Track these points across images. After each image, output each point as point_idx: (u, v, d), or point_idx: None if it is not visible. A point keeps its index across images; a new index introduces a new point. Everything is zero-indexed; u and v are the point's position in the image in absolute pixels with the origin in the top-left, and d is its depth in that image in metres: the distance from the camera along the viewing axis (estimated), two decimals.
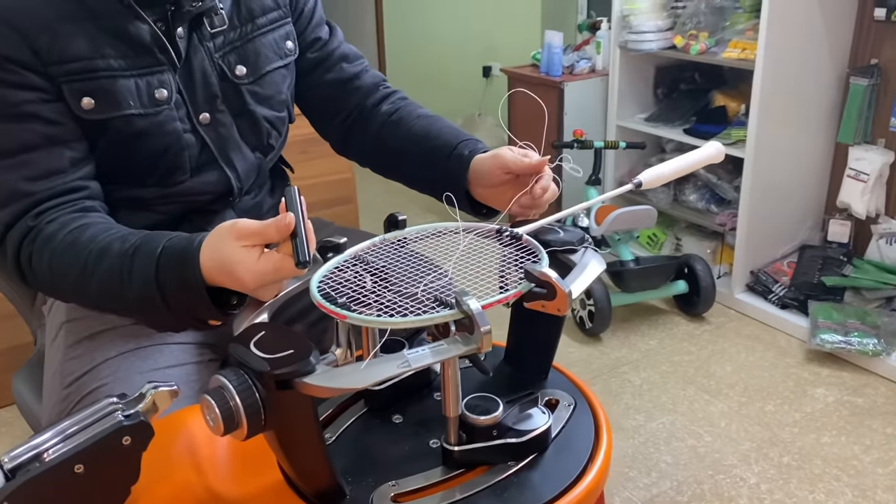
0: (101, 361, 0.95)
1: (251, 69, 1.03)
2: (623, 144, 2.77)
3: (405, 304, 0.68)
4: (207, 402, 0.59)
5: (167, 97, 0.95)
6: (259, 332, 0.64)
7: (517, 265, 0.76)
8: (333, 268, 0.76)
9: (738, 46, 2.50)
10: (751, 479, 1.89)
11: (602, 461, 0.75)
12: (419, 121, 1.11)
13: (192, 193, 1.01)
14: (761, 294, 2.65)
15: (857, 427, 2.06)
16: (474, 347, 0.64)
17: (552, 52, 2.91)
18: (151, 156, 0.96)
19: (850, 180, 2.56)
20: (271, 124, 1.08)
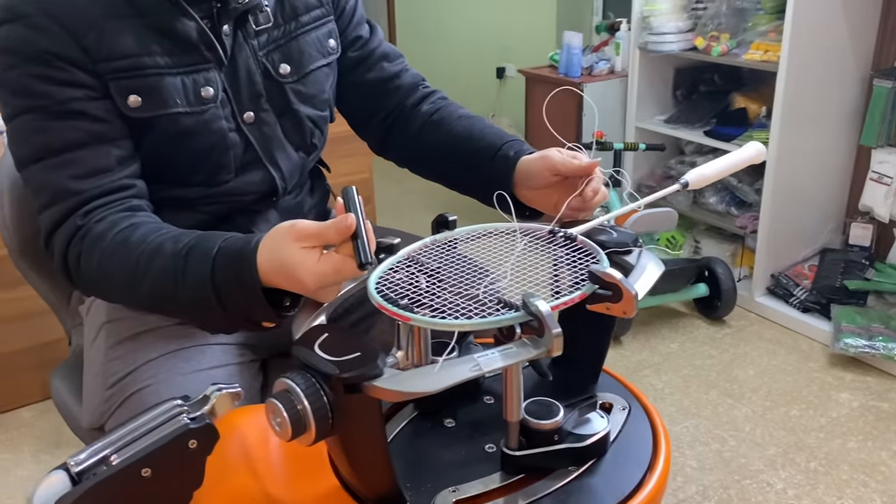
0: (143, 363, 0.94)
1: (295, 67, 1.02)
2: (643, 146, 2.75)
3: (468, 306, 0.67)
4: (274, 405, 0.58)
5: (213, 95, 0.94)
6: (322, 334, 0.62)
7: (573, 267, 0.75)
8: (388, 269, 0.75)
9: (761, 48, 2.48)
10: (778, 485, 1.87)
11: (662, 468, 0.74)
12: (461, 121, 1.09)
13: (236, 193, 1.00)
14: (782, 297, 2.63)
15: (884, 432, 2.04)
16: (544, 351, 0.62)
17: (571, 53, 2.90)
18: (197, 155, 0.95)
19: (872, 183, 2.54)
20: (314, 123, 1.07)
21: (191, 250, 0.79)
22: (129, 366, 0.94)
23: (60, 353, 2.17)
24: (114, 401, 0.93)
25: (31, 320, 2.11)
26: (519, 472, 0.71)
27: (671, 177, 2.98)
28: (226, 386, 0.61)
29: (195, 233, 0.82)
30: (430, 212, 0.94)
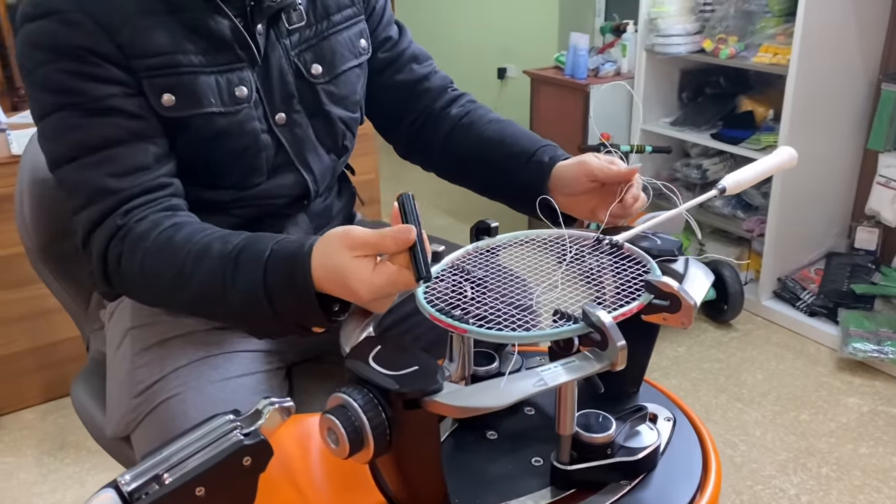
0: (171, 371, 0.91)
1: (327, 68, 1.00)
2: (649, 149, 2.74)
3: (522, 317, 0.65)
4: (331, 421, 0.56)
5: (247, 95, 0.92)
6: (374, 346, 0.61)
7: (624, 275, 0.73)
8: (434, 278, 0.73)
9: (770, 51, 2.48)
10: (790, 490, 1.86)
11: (714, 482, 0.72)
12: (492, 125, 1.07)
13: (267, 196, 0.98)
14: (789, 301, 2.63)
15: (895, 438, 2.04)
16: (607, 364, 0.61)
17: (578, 55, 2.88)
18: (229, 156, 0.93)
19: (879, 187, 2.54)
20: (346, 125, 1.06)
21: (241, 251, 0.76)
22: (156, 373, 0.91)
23: (63, 355, 2.16)
24: (141, 410, 0.90)
25: (34, 321, 2.08)
26: (570, 486, 0.69)
27: (676, 179, 2.97)
28: (278, 400, 0.59)
29: (243, 234, 0.80)
30: (440, 214, 0.92)
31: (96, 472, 1.96)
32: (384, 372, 0.57)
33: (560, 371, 0.60)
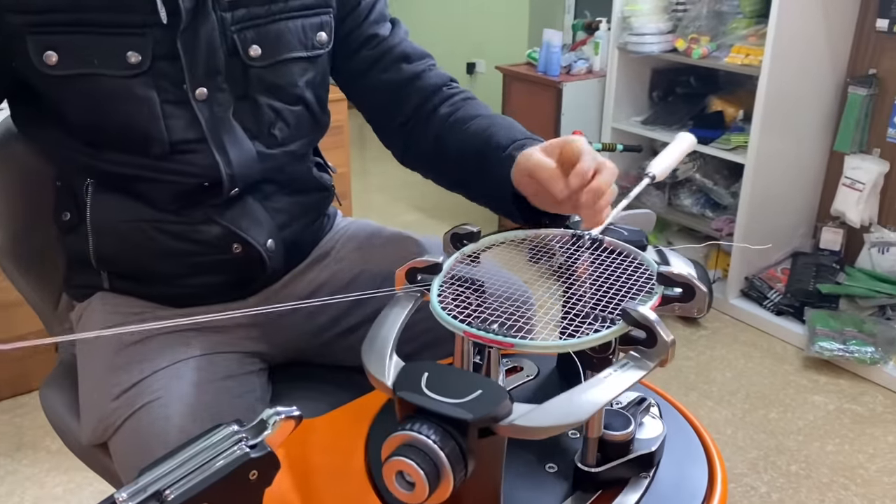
0: (150, 373, 0.87)
1: (267, 52, 0.93)
2: (620, 147, 2.75)
3: (562, 323, 0.63)
4: (404, 464, 0.52)
5: (141, 61, 0.86)
6: (420, 374, 0.57)
7: (619, 270, 0.72)
8: (439, 289, 0.70)
9: (742, 52, 2.50)
10: (761, 488, 1.88)
11: (720, 462, 0.74)
12: (476, 122, 0.98)
13: (179, 172, 0.91)
14: (756, 300, 2.66)
15: (860, 435, 2.07)
16: (658, 361, 0.59)
17: (551, 52, 2.87)
18: (122, 122, 0.88)
19: (845, 189, 2.58)
20: (277, 114, 0.97)
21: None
22: (134, 376, 0.87)
23: (21, 351, 2.06)
24: (119, 415, 0.85)
25: None
26: (597, 488, 0.68)
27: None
28: (284, 410, 0.56)
29: None
30: (409, 210, 0.89)
31: (56, 473, 1.89)
32: (449, 401, 0.54)
33: (622, 376, 0.58)
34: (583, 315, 0.63)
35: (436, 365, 0.58)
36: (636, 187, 0.88)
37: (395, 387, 0.56)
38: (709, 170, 2.85)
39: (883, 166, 2.51)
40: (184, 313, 0.93)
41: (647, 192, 2.97)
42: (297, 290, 1.04)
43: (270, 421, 0.55)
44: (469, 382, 0.56)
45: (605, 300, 0.66)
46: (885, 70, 2.47)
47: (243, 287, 1.01)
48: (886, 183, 2.54)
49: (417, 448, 0.52)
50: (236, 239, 0.95)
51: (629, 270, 0.72)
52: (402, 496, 0.53)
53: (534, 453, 0.73)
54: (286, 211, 1.02)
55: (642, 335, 0.61)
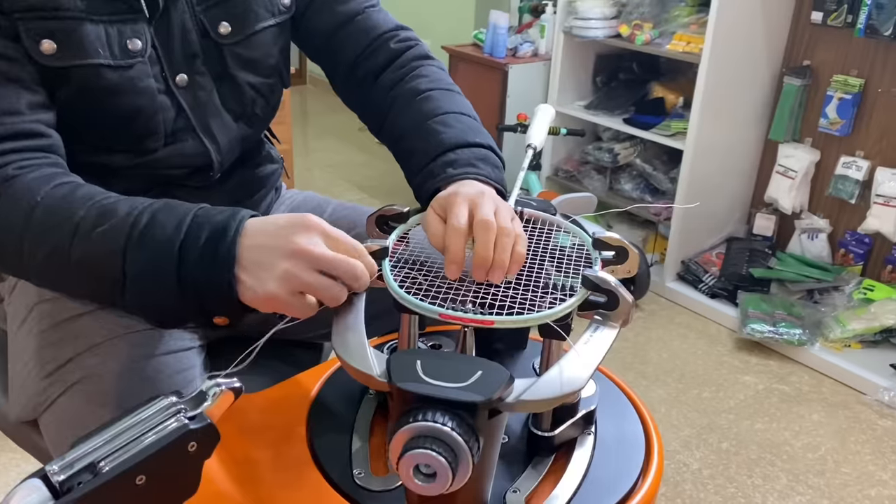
0: (86, 349, 0.84)
1: (237, 27, 0.90)
2: (564, 131, 2.77)
3: (519, 296, 0.65)
4: (428, 456, 0.51)
5: (141, 49, 0.83)
6: (413, 361, 0.57)
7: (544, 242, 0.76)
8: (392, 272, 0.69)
9: (684, 39, 2.54)
10: (693, 465, 1.94)
11: (649, 414, 0.78)
12: (415, 105, 0.91)
13: (167, 166, 0.89)
14: (691, 283, 2.73)
15: (787, 414, 2.16)
16: (622, 321, 0.64)
17: (497, 34, 2.88)
18: (122, 116, 0.84)
19: (778, 176, 2.67)
20: (257, 91, 0.95)
21: (157, 212, 0.68)
22: (68, 352, 0.84)
23: None
24: (52, 392, 0.83)
25: None
26: (552, 451, 0.70)
27: (588, 162, 3.03)
28: (224, 381, 0.55)
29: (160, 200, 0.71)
30: (352, 189, 0.87)
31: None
32: (455, 386, 0.54)
33: (598, 339, 0.62)
34: (543, 286, 0.65)
35: (424, 351, 0.59)
36: (525, 159, 0.92)
37: (394, 379, 0.55)
38: (649, 155, 2.90)
39: (814, 155, 2.60)
40: None
41: (588, 176, 3.01)
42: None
43: (210, 392, 0.54)
44: (466, 365, 0.56)
45: (556, 269, 0.69)
46: (818, 61, 2.55)
47: None
48: (817, 171, 2.63)
49: (434, 437, 0.52)
50: None
51: (547, 242, 0.75)
52: (421, 489, 0.53)
53: None
54: (244, 185, 1.01)
55: (602, 299, 0.64)
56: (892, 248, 2.49)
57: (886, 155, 2.45)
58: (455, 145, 0.84)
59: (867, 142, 2.49)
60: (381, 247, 0.70)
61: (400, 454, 0.52)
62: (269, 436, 0.73)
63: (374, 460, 0.69)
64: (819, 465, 1.96)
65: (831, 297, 2.49)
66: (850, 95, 2.45)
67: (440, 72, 0.97)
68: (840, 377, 2.30)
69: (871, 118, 2.46)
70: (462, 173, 0.80)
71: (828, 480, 1.90)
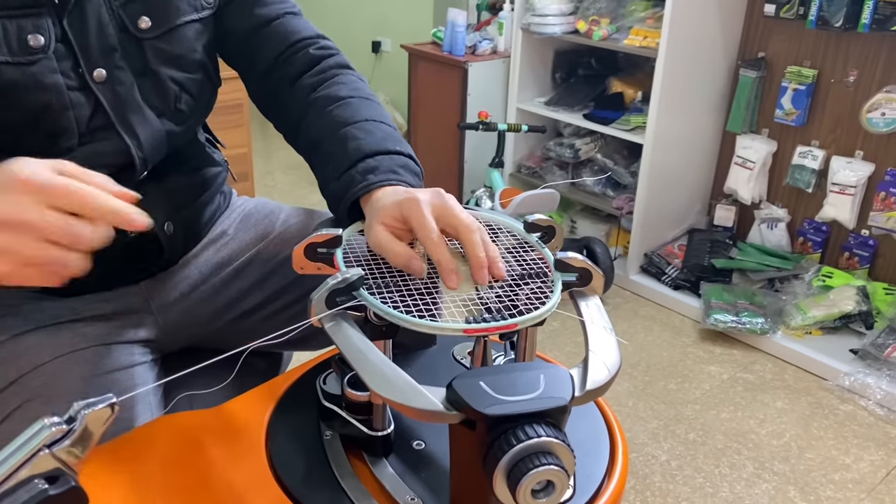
0: (30, 369, 0.81)
1: (157, 21, 0.87)
2: (525, 128, 2.77)
3: (513, 291, 0.65)
4: (552, 472, 0.51)
5: (44, 45, 0.79)
6: (475, 385, 0.55)
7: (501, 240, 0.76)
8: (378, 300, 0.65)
9: (640, 34, 2.56)
10: (662, 457, 1.96)
11: (617, 423, 0.78)
12: (333, 111, 0.88)
13: (83, 165, 0.86)
14: (655, 276, 2.75)
15: (751, 402, 2.18)
16: (597, 294, 0.68)
17: (455, 31, 2.87)
18: (28, 114, 0.80)
19: (737, 167, 2.70)
20: (181, 87, 0.92)
21: None
22: (11, 373, 0.80)
23: None
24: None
25: None
26: None
27: (550, 158, 3.03)
28: (95, 400, 0.51)
29: None
30: (315, 192, 0.84)
31: None
32: (535, 395, 0.54)
33: (596, 311, 0.67)
34: (527, 275, 0.67)
35: (472, 372, 0.57)
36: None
37: (477, 407, 0.53)
38: (609, 150, 2.92)
39: (771, 146, 2.64)
40: (70, 303, 0.88)
41: (550, 172, 3.02)
42: (192, 273, 0.99)
43: (79, 416, 0.50)
44: (526, 372, 0.56)
45: (521, 259, 0.71)
46: (772, 53, 2.58)
47: (136, 272, 0.95)
48: (774, 162, 2.67)
49: (545, 451, 0.51)
50: None
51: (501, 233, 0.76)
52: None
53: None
54: (182, 191, 0.97)
55: (572, 278, 0.67)
56: (849, 235, 2.53)
57: (840, 144, 2.49)
58: (375, 152, 0.81)
59: (822, 131, 2.53)
60: (333, 235, 0.68)
61: (518, 480, 0.51)
62: (225, 452, 0.71)
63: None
64: (784, 451, 1.99)
65: (791, 286, 2.53)
66: (804, 86, 2.49)
67: (359, 81, 0.95)
68: (802, 364, 2.33)
69: (824, 108, 2.50)
70: (384, 180, 0.77)
71: (793, 466, 1.93)
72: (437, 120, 3.08)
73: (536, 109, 2.93)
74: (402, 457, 0.71)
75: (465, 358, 0.87)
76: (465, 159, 3.05)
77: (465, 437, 0.55)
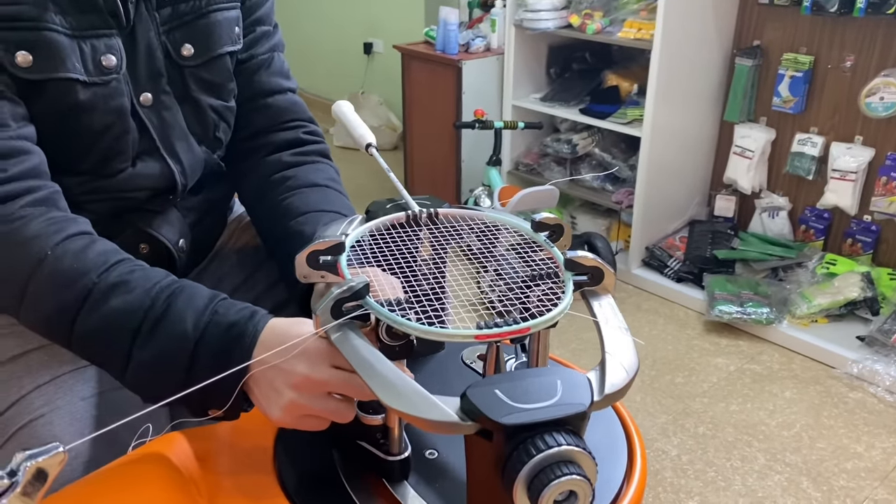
0: (32, 389, 0.79)
1: (199, 50, 0.89)
2: (522, 125, 2.76)
3: (524, 293, 0.63)
4: (573, 482, 0.49)
5: (116, 65, 0.80)
6: (490, 393, 0.53)
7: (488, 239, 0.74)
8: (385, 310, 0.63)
9: (634, 26, 2.54)
10: (672, 452, 1.94)
11: (632, 420, 0.79)
12: (292, 198, 0.91)
13: (128, 188, 0.86)
14: (657, 269, 2.73)
15: (760, 393, 2.17)
16: (608, 291, 0.67)
17: (448, 30, 2.85)
18: (90, 135, 0.81)
19: (736, 157, 2.68)
20: (219, 115, 0.94)
21: (173, 295, 0.68)
22: (13, 394, 0.79)
23: None
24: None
25: None
26: None
27: (547, 154, 3.01)
28: (39, 451, 0.48)
29: (167, 273, 0.71)
30: None
31: None
32: (553, 402, 0.53)
33: (610, 310, 0.65)
34: (537, 277, 0.65)
35: (487, 380, 0.55)
36: (380, 159, 0.85)
37: (494, 417, 0.51)
38: (607, 144, 2.90)
39: (770, 134, 2.62)
40: None
41: (548, 168, 3.00)
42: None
43: (20, 469, 0.47)
44: (541, 379, 0.55)
45: (530, 260, 0.68)
46: (768, 41, 2.57)
47: None
48: (773, 150, 2.65)
49: (566, 461, 0.50)
50: (144, 239, 0.91)
51: (490, 231, 0.74)
52: None
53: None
54: (197, 208, 0.98)
55: (583, 277, 0.65)
56: (851, 221, 2.52)
57: (839, 130, 2.47)
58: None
59: (820, 118, 2.51)
60: (335, 242, 0.66)
61: (539, 492, 0.49)
62: (233, 466, 0.69)
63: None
64: (795, 442, 1.97)
65: (795, 274, 2.51)
66: (801, 73, 2.47)
67: (336, 174, 0.99)
68: (809, 353, 2.32)
69: (822, 94, 2.48)
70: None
71: (804, 457, 1.92)
72: (433, 120, 3.06)
73: (532, 106, 2.91)
74: (416, 468, 0.69)
75: (474, 362, 0.85)
76: (462, 158, 3.03)
77: (481, 447, 0.53)
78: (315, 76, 4.43)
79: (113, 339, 0.67)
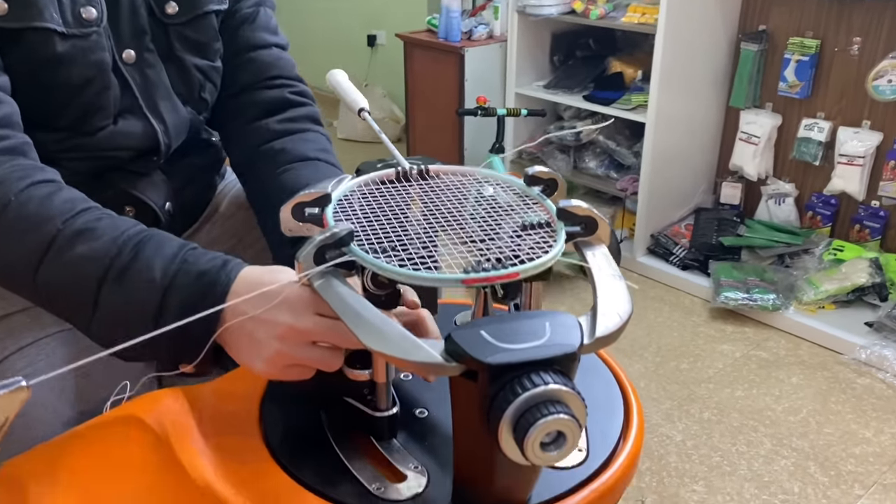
0: (14, 351, 0.78)
1: (184, 8, 0.87)
2: (525, 112, 2.73)
3: (515, 241, 0.62)
4: (562, 421, 0.47)
5: (96, 17, 0.78)
6: (476, 334, 0.51)
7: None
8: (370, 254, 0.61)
9: (638, 11, 2.51)
10: (677, 437, 1.91)
11: (632, 388, 0.76)
12: (283, 175, 0.89)
13: (109, 147, 0.84)
14: (662, 256, 2.70)
15: (766, 379, 2.14)
16: (604, 243, 0.65)
17: (450, 17, 2.83)
18: (68, 89, 0.79)
19: (741, 143, 2.65)
20: (204, 75, 0.92)
21: (141, 243, 0.65)
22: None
23: None
24: None
25: None
26: None
27: (551, 142, 2.99)
28: (5, 383, 0.47)
29: (136, 222, 0.68)
30: None
31: None
32: (542, 342, 0.51)
33: (604, 260, 0.63)
34: (529, 226, 0.63)
35: (473, 322, 0.53)
36: (372, 123, 0.83)
37: (478, 356, 0.49)
38: (611, 131, 2.87)
39: (776, 120, 2.59)
40: None
41: (552, 156, 2.97)
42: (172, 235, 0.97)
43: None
44: (530, 320, 0.53)
45: (508, 211, 0.66)
46: (773, 25, 2.53)
47: None
48: (780, 136, 2.62)
49: (554, 400, 0.48)
50: (130, 201, 0.89)
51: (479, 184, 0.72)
52: (551, 459, 0.48)
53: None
54: (183, 173, 0.96)
55: (577, 228, 0.63)
56: (859, 207, 2.48)
57: (846, 114, 2.44)
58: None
59: (827, 102, 2.48)
60: (322, 193, 0.64)
61: (525, 431, 0.47)
62: (219, 429, 0.68)
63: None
64: (802, 427, 1.94)
65: (802, 261, 2.48)
66: (808, 57, 2.44)
67: (327, 143, 0.96)
68: (816, 339, 2.28)
69: (829, 78, 2.45)
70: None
71: (811, 442, 1.89)
72: (436, 108, 3.04)
73: (535, 93, 2.88)
74: (405, 426, 0.67)
75: None
76: (464, 146, 3.01)
77: (466, 390, 0.51)
78: (319, 69, 4.42)
79: (78, 287, 0.64)
